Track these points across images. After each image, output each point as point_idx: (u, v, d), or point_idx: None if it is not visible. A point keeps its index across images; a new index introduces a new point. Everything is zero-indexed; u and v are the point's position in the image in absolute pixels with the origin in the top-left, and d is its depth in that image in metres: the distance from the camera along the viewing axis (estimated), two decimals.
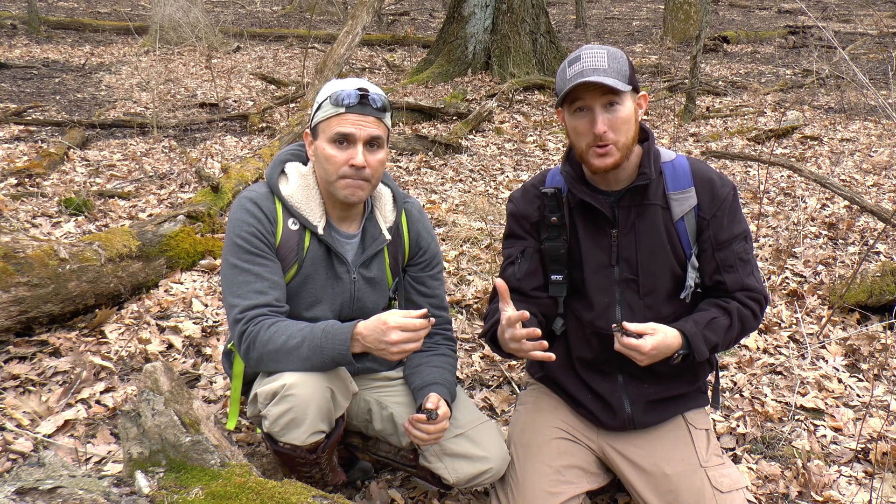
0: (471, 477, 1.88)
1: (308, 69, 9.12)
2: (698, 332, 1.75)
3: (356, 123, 1.77)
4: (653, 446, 1.92)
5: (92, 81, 9.44)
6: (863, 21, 15.63)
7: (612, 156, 1.73)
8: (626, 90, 1.69)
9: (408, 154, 6.53)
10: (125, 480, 1.52)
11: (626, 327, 1.67)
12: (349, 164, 1.78)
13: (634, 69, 1.77)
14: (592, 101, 1.70)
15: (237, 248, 1.81)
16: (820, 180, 4.59)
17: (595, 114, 1.70)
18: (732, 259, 1.84)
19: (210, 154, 6.22)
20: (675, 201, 1.83)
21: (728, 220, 1.83)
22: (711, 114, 8.39)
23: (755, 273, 1.87)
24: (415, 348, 1.67)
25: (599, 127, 1.69)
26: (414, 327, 1.64)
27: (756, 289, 1.85)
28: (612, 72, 1.68)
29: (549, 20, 10.54)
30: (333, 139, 1.78)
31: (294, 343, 1.71)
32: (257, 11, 18.05)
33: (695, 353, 1.74)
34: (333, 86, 1.82)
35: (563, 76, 1.73)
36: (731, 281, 1.84)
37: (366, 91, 1.79)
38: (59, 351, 2.78)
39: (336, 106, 1.78)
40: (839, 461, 2.35)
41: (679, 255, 1.85)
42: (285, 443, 1.75)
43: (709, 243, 1.84)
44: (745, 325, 1.84)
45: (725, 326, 1.80)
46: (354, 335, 1.69)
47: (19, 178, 4.94)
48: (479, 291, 3.56)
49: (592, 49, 1.72)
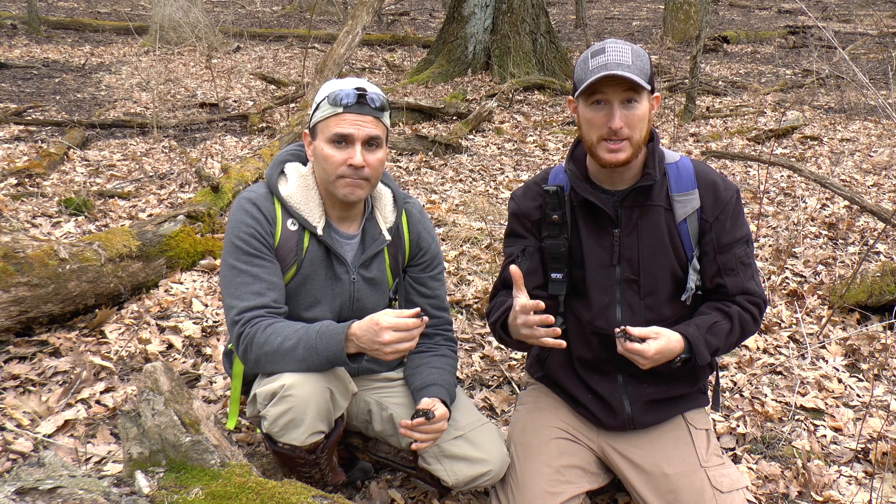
0: (470, 479, 1.88)
1: (308, 69, 9.12)
2: (700, 336, 1.76)
3: (354, 123, 1.77)
4: (653, 446, 1.92)
5: (92, 81, 9.44)
6: (863, 21, 15.63)
7: (625, 151, 1.72)
8: (647, 88, 1.69)
9: (408, 154, 6.53)
10: (125, 480, 1.52)
11: (630, 332, 1.67)
12: (347, 163, 1.77)
13: (654, 70, 1.77)
14: (613, 95, 1.68)
15: (236, 250, 1.81)
16: (820, 180, 4.59)
17: (613, 108, 1.69)
18: (734, 262, 1.84)
19: (210, 154, 6.22)
20: (678, 203, 1.83)
21: (731, 224, 1.83)
22: (711, 114, 8.39)
23: (755, 277, 1.87)
24: (409, 348, 1.66)
25: (616, 122, 1.68)
26: (406, 327, 1.63)
27: (756, 293, 1.85)
28: (636, 69, 1.67)
29: (549, 20, 10.54)
30: (332, 139, 1.78)
31: (290, 344, 1.71)
32: (257, 11, 18.05)
33: (697, 357, 1.75)
34: (332, 86, 1.82)
35: (585, 66, 1.71)
36: (731, 284, 1.84)
37: (364, 91, 1.78)
38: (59, 351, 2.78)
39: (334, 106, 1.78)
40: (839, 461, 2.35)
41: (681, 256, 1.85)
42: (284, 443, 1.75)
43: (710, 246, 1.84)
44: (746, 329, 1.84)
45: (727, 331, 1.80)
46: (349, 336, 1.69)
47: (19, 178, 4.95)
48: (479, 291, 3.56)
49: (618, 43, 1.71)
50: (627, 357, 1.70)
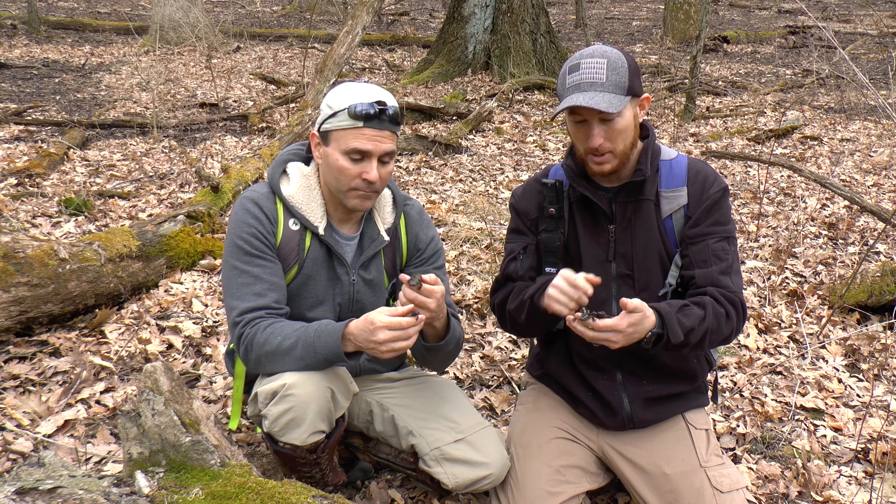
0: (470, 482, 1.88)
1: (308, 69, 9.12)
2: (672, 312, 1.68)
3: (373, 139, 1.76)
4: (652, 446, 1.92)
5: (92, 81, 9.43)
6: (863, 21, 15.62)
7: (610, 163, 1.76)
8: (621, 108, 1.68)
9: (408, 154, 6.52)
10: (125, 480, 1.52)
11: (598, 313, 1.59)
12: (362, 177, 1.77)
13: (638, 72, 1.76)
14: (589, 115, 1.71)
15: (237, 250, 1.81)
16: (820, 180, 4.59)
17: (591, 127, 1.71)
18: (707, 254, 1.79)
19: (210, 154, 6.22)
20: (664, 199, 1.85)
21: (709, 216, 1.81)
22: (711, 114, 8.39)
23: (733, 275, 1.80)
24: (405, 346, 1.65)
25: (595, 140, 1.71)
26: (400, 325, 1.62)
27: (729, 287, 1.77)
28: (610, 85, 1.67)
29: (549, 20, 10.54)
30: (349, 153, 1.76)
31: (289, 344, 1.71)
32: (257, 11, 18.05)
33: (669, 332, 1.66)
34: (351, 95, 1.77)
35: (563, 83, 1.73)
36: (700, 276, 1.78)
37: (384, 105, 1.76)
38: (59, 351, 2.78)
39: (354, 119, 1.74)
40: (839, 461, 2.35)
41: (668, 251, 1.86)
42: (285, 443, 1.75)
43: (685, 236, 1.82)
44: (720, 323, 1.74)
45: (700, 316, 1.71)
46: (346, 335, 1.69)
47: (19, 178, 4.95)
48: (479, 291, 3.56)
49: (592, 58, 1.71)
50: (599, 340, 1.61)
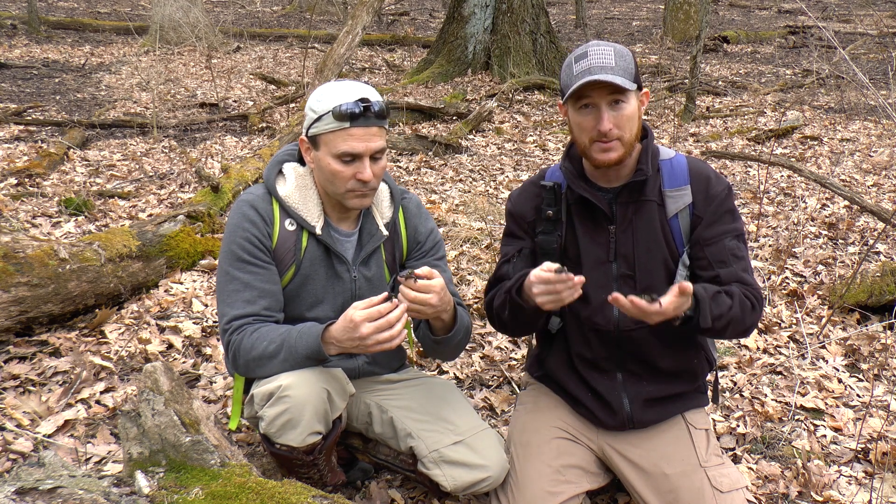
0: (469, 485, 1.87)
1: (308, 69, 9.11)
2: (707, 297, 1.69)
3: (362, 139, 1.75)
4: (652, 446, 1.92)
5: (92, 81, 9.43)
6: (863, 21, 15.62)
7: (616, 151, 1.74)
8: (632, 88, 1.70)
9: (408, 154, 6.52)
10: (125, 480, 1.52)
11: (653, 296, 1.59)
12: (357, 178, 1.77)
13: (638, 67, 1.78)
14: (599, 98, 1.70)
15: (230, 255, 1.82)
16: (820, 180, 4.59)
17: (601, 111, 1.71)
18: (725, 255, 1.82)
19: (210, 154, 6.22)
20: (669, 198, 1.84)
21: (720, 217, 1.82)
22: (711, 114, 8.38)
23: (750, 271, 1.85)
24: (392, 337, 1.62)
25: (605, 124, 1.70)
26: (380, 314, 1.61)
27: (752, 284, 1.82)
28: (619, 70, 1.68)
29: (549, 20, 10.54)
30: (339, 156, 1.76)
31: (273, 348, 1.72)
32: (257, 11, 18.05)
33: (700, 316, 1.67)
34: (332, 96, 1.75)
35: (570, 72, 1.73)
36: (725, 274, 1.81)
37: (368, 101, 1.75)
38: (59, 351, 2.78)
39: (340, 120, 1.73)
40: (839, 461, 2.35)
41: (673, 251, 1.85)
42: (282, 444, 1.75)
43: (700, 239, 1.83)
44: (745, 314, 1.76)
45: (728, 304, 1.73)
46: (327, 339, 1.69)
47: (19, 178, 4.95)
48: (479, 291, 3.56)
49: (599, 46, 1.72)
50: (635, 314, 1.61)
